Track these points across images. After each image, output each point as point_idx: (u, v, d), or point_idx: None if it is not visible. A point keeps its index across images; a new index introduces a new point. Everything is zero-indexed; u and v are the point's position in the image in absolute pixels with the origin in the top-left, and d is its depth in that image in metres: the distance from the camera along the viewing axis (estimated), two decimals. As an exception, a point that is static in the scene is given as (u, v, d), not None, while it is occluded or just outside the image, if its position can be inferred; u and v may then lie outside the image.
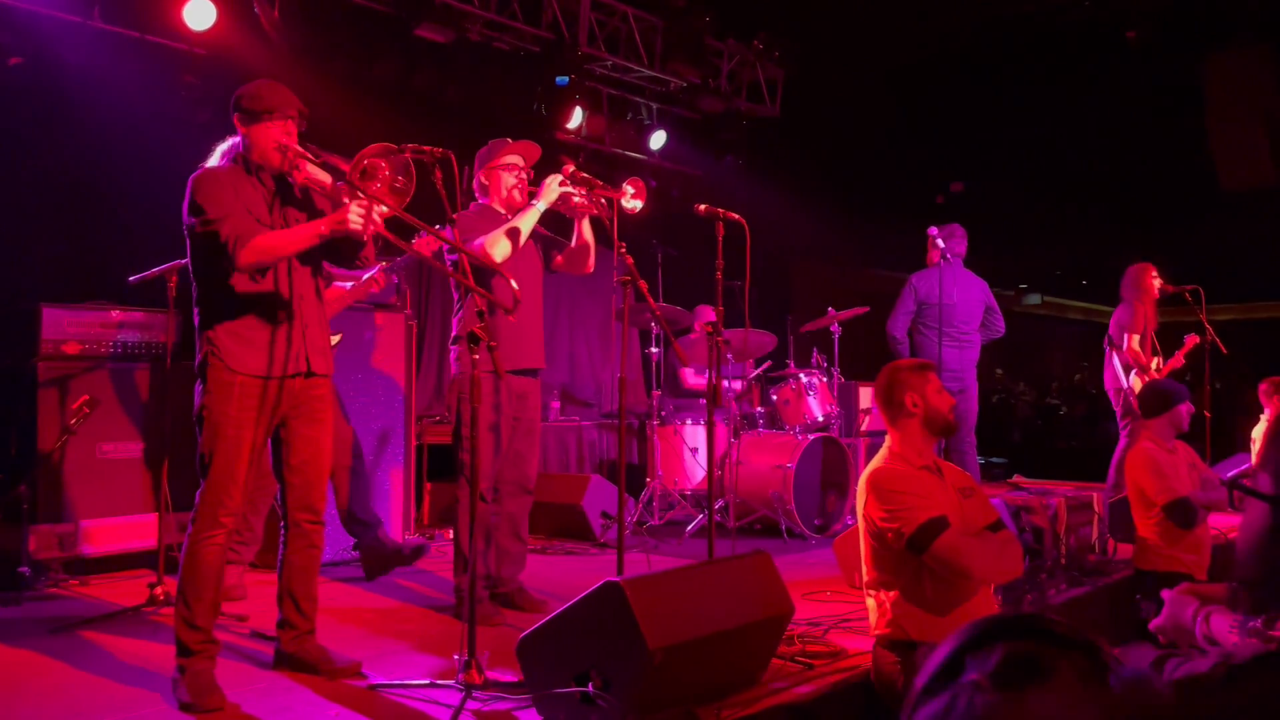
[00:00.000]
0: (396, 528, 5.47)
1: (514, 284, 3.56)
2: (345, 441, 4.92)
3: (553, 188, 4.07)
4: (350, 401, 5.08)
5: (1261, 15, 8.17)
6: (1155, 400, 4.69)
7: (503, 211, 4.23)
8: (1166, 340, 6.97)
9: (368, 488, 4.97)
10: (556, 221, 4.30)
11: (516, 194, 4.23)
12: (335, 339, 4.71)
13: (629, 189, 4.08)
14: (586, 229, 4.28)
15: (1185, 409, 4.63)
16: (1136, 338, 6.69)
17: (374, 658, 3.46)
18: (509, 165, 4.25)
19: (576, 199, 4.14)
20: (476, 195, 4.33)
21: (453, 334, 4.21)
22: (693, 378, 7.12)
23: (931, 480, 3.07)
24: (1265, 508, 1.34)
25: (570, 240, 4.33)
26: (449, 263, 4.12)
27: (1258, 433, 6.59)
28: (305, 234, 3.13)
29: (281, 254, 3.13)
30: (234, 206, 3.11)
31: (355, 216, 3.04)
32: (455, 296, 4.22)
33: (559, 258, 4.37)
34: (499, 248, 3.97)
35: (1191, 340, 6.79)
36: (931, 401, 3.11)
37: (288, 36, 6.02)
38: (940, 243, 6.15)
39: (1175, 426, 4.63)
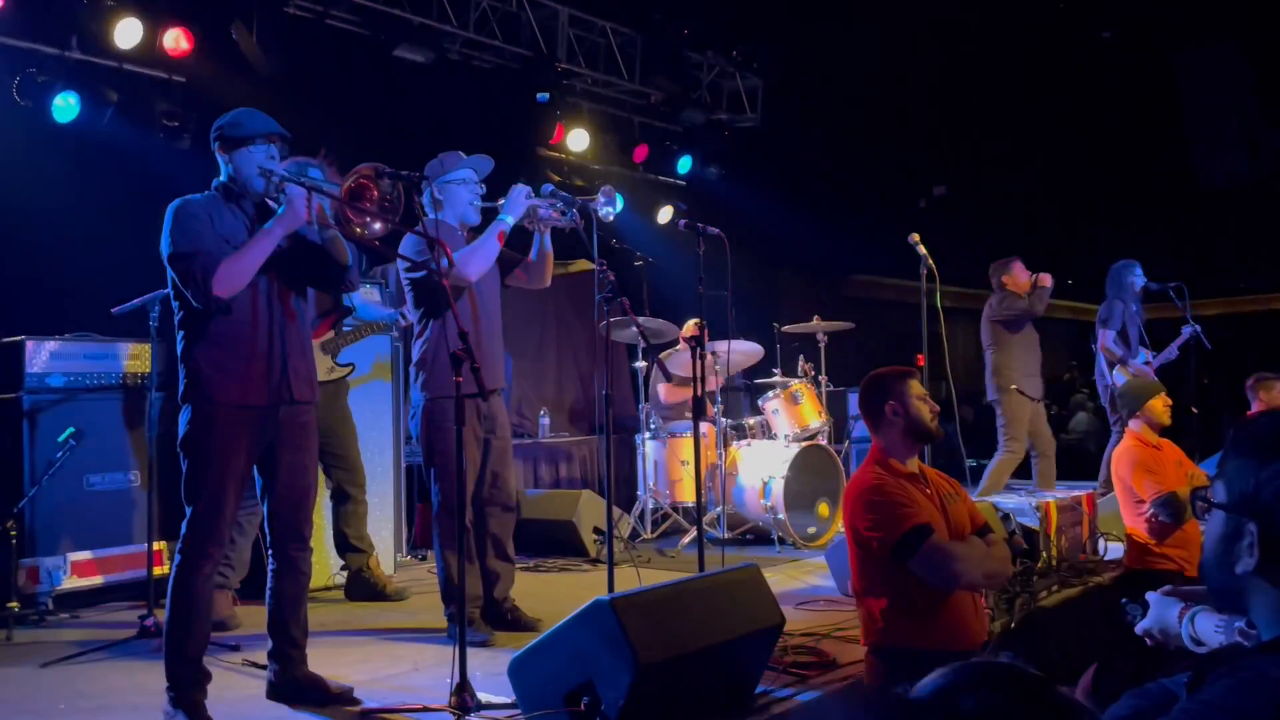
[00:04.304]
0: (388, 549, 5.46)
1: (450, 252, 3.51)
2: (352, 465, 4.93)
3: (519, 200, 4.00)
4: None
5: (1233, 13, 8.25)
6: (1131, 398, 4.72)
7: (456, 227, 4.14)
8: (1157, 335, 7.01)
9: (364, 514, 4.98)
10: (512, 233, 4.22)
11: (473, 209, 4.15)
12: (324, 340, 4.78)
13: (600, 198, 4.01)
14: (547, 241, 4.20)
15: (1160, 403, 4.65)
16: (1112, 334, 6.75)
17: (366, 683, 3.45)
18: (464, 180, 4.15)
19: (543, 211, 4.09)
20: (428, 210, 4.14)
21: (415, 358, 4.09)
22: (671, 392, 7.11)
23: (916, 487, 3.07)
24: (1219, 517, 1.36)
25: (524, 255, 4.25)
26: (407, 280, 4.08)
27: None
28: (262, 241, 3.10)
29: (248, 269, 3.09)
30: (207, 239, 3.10)
31: (300, 205, 3.07)
32: (414, 319, 4.12)
33: (517, 272, 4.27)
34: (473, 266, 3.92)
35: (1189, 333, 6.83)
36: (912, 409, 3.11)
37: (266, 62, 6.02)
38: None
39: (1155, 422, 4.65)
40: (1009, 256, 6.94)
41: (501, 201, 4.05)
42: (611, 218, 4.01)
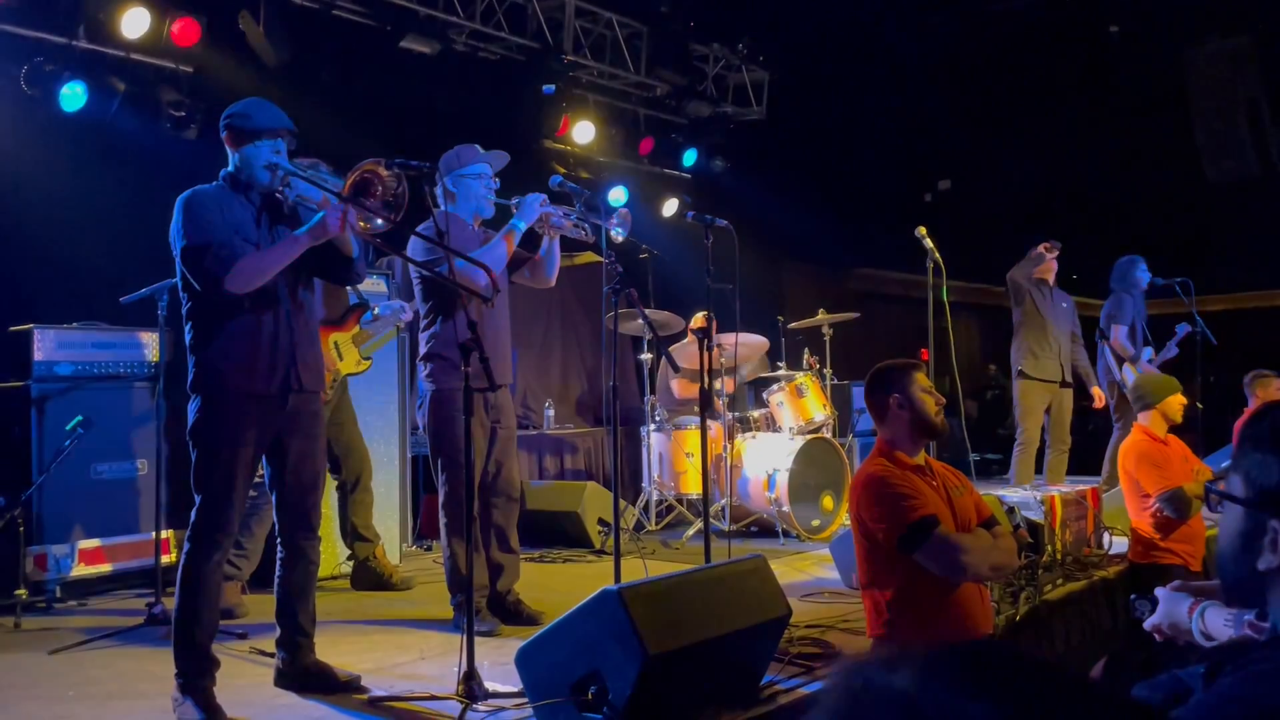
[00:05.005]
0: (394, 539, 5.48)
1: (494, 273, 3.55)
2: (361, 456, 4.95)
3: (534, 207, 4.01)
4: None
5: (1243, 8, 8.22)
6: (1147, 393, 4.72)
7: (469, 221, 4.15)
8: (1159, 332, 7.00)
9: (371, 503, 5.00)
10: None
11: (486, 205, 4.17)
12: (354, 334, 4.84)
13: (615, 218, 4.02)
14: (555, 244, 4.22)
15: (1176, 401, 4.66)
16: (1124, 330, 6.73)
17: (374, 671, 3.46)
18: (478, 175, 4.16)
19: (555, 219, 4.10)
20: (440, 201, 4.17)
21: (423, 350, 4.10)
22: (685, 387, 7.12)
23: (921, 479, 3.08)
24: (1238, 511, 1.35)
25: (532, 253, 4.26)
26: (416, 274, 4.08)
27: None
28: (285, 250, 3.13)
29: (267, 272, 3.12)
30: (218, 229, 3.11)
31: (331, 220, 3.07)
32: (422, 311, 4.15)
33: (524, 271, 4.28)
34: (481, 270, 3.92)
35: (1185, 330, 6.81)
36: (916, 402, 3.12)
37: (273, 52, 6.02)
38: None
39: (1168, 419, 4.66)
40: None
41: (515, 201, 4.06)
42: (622, 239, 4.02)
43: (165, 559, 4.36)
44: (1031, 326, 6.61)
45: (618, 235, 4.00)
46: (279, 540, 3.35)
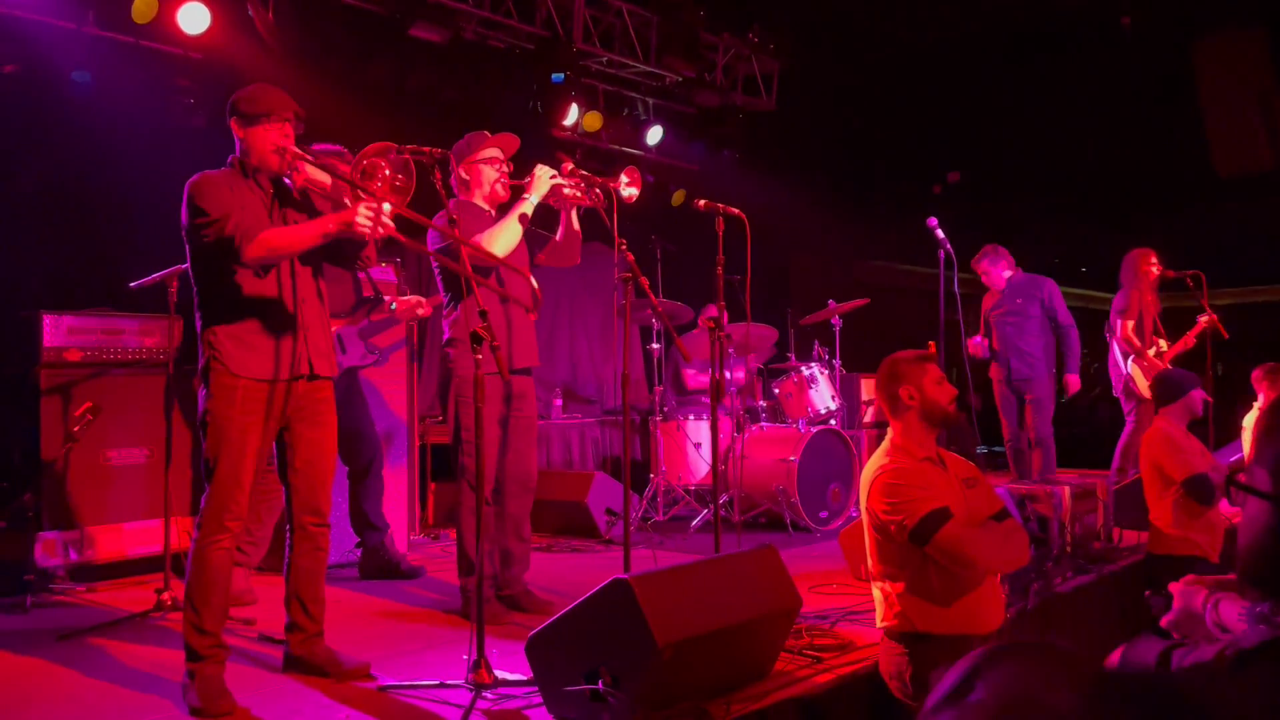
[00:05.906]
0: (402, 528, 5.47)
1: (534, 282, 3.56)
2: (371, 443, 4.94)
3: (544, 179, 4.01)
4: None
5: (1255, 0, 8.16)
6: (1168, 389, 4.69)
7: (485, 207, 4.16)
8: (1173, 325, 6.95)
9: (381, 491, 4.99)
10: (539, 214, 4.24)
11: (499, 188, 4.17)
12: (362, 328, 4.84)
13: (624, 178, 4.02)
14: (574, 220, 4.23)
15: (1198, 395, 4.64)
16: (1131, 324, 6.71)
17: (382, 659, 3.46)
18: (490, 159, 4.17)
19: (567, 190, 4.09)
20: (455, 191, 4.21)
21: (445, 336, 4.13)
22: (695, 377, 7.11)
23: (934, 472, 3.07)
24: (1264, 505, 1.33)
25: (552, 233, 4.27)
26: (437, 264, 4.09)
27: (1249, 421, 6.55)
28: (310, 232, 3.11)
29: (286, 251, 3.12)
30: (234, 206, 3.11)
31: (364, 219, 3.00)
32: (445, 299, 4.17)
33: (545, 252, 4.29)
34: (500, 244, 3.92)
35: (1202, 321, 6.77)
36: (928, 393, 3.10)
37: (282, 39, 6.00)
38: None
39: (1190, 413, 4.64)
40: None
41: (527, 180, 4.07)
42: (634, 198, 4.01)
43: (174, 545, 4.36)
44: (988, 323, 6.84)
45: (631, 194, 3.98)
46: (288, 527, 3.35)
